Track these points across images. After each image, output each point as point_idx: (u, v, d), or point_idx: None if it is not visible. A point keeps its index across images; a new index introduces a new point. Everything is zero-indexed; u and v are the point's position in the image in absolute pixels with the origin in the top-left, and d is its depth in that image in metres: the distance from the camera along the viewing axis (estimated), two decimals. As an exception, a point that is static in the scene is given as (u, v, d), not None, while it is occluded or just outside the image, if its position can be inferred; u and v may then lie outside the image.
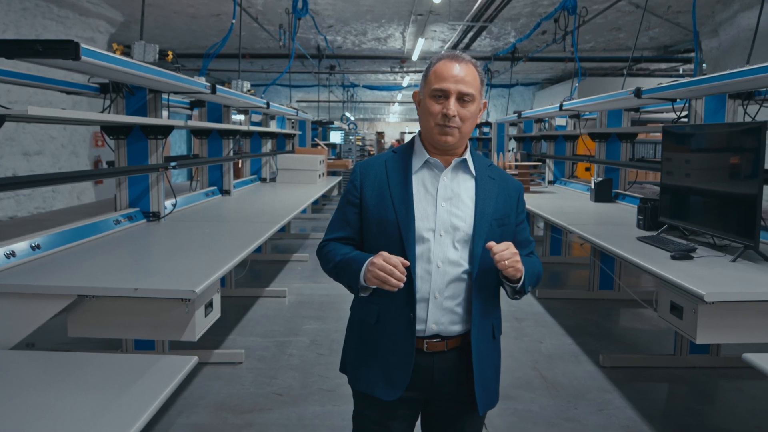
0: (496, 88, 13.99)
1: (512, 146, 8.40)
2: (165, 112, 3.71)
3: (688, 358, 3.63)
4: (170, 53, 3.39)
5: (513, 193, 1.61)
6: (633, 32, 7.99)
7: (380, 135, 24.67)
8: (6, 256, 2.28)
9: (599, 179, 5.06)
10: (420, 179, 1.55)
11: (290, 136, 8.16)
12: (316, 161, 6.80)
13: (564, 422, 2.92)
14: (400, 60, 11.54)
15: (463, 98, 1.47)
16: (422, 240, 1.50)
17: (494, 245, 1.42)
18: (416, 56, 9.79)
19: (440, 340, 1.52)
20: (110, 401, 1.47)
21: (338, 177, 8.86)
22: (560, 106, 5.42)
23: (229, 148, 5.12)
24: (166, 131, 3.49)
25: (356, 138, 15.53)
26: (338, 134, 14.14)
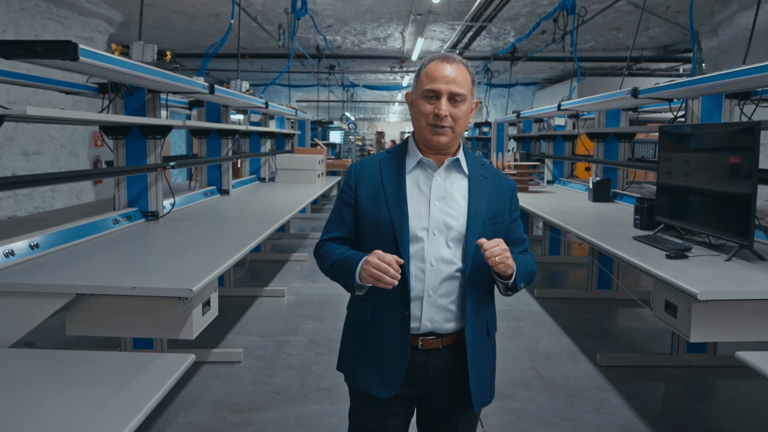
0: (496, 88, 13.98)
1: (512, 146, 8.41)
2: (164, 112, 3.73)
3: (685, 357, 3.64)
4: (168, 53, 3.41)
5: (506, 192, 1.62)
6: (632, 32, 8.00)
7: (380, 135, 24.69)
8: (5, 255, 2.30)
9: (597, 179, 5.07)
10: (413, 179, 1.56)
11: (289, 136, 8.16)
12: (315, 161, 6.81)
13: (561, 421, 2.93)
14: (400, 60, 11.56)
15: (455, 98, 1.49)
16: (416, 239, 1.51)
17: (485, 242, 1.44)
18: (416, 56, 9.81)
19: (435, 338, 1.54)
20: (108, 398, 1.48)
21: (337, 177, 8.86)
22: (558, 106, 5.44)
23: (228, 148, 5.13)
24: (165, 131, 3.51)
25: (356, 138, 15.55)
26: (338, 134, 14.14)
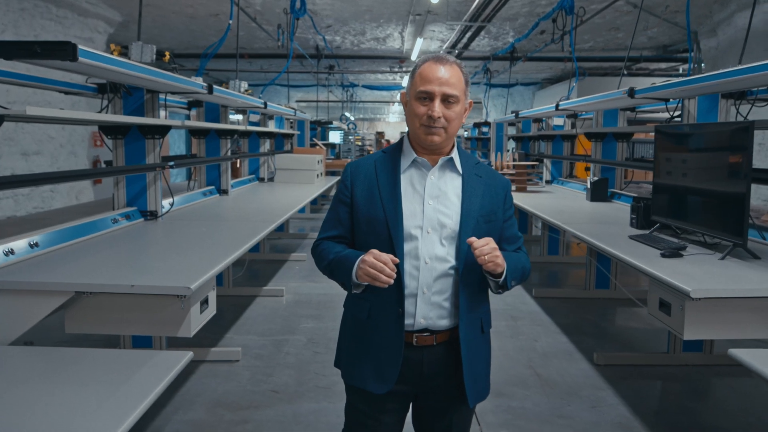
0: (496, 88, 14.00)
1: (511, 146, 8.43)
2: (163, 112, 3.74)
3: (682, 356, 3.65)
4: (167, 54, 3.43)
5: (500, 190, 1.64)
6: (631, 32, 8.02)
7: (380, 135, 24.68)
8: (5, 254, 2.31)
9: (595, 179, 5.09)
10: (408, 178, 1.58)
11: (288, 136, 8.18)
12: (314, 161, 6.83)
13: (557, 419, 2.95)
14: (399, 60, 11.58)
15: (448, 99, 1.51)
16: (410, 237, 1.53)
17: (475, 241, 1.46)
18: (415, 56, 9.83)
19: (429, 334, 1.56)
20: (106, 394, 1.50)
21: (337, 177, 8.87)
22: (556, 106, 5.46)
23: (227, 148, 5.14)
24: (164, 131, 3.53)
25: (355, 138, 15.56)
26: (337, 134, 14.15)
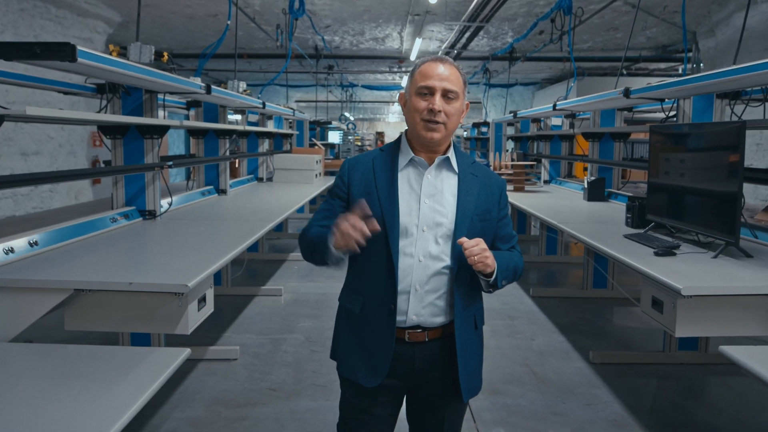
0: (495, 88, 14.02)
1: (510, 146, 8.45)
2: (161, 112, 3.77)
3: (677, 355, 3.67)
4: (166, 54, 3.45)
5: (495, 190, 1.66)
6: (630, 32, 8.06)
7: (380, 135, 24.67)
8: (5, 252, 2.34)
9: (592, 179, 5.11)
10: (405, 176, 1.61)
11: (287, 136, 8.20)
12: (313, 161, 6.85)
13: (552, 416, 2.97)
14: (398, 60, 11.61)
15: (448, 95, 1.55)
16: (405, 235, 1.55)
17: (465, 241, 1.48)
18: (414, 56, 9.86)
19: (421, 331, 1.58)
20: (104, 391, 1.52)
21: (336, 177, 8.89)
22: (553, 106, 5.48)
23: (226, 148, 5.17)
24: (162, 131, 3.55)
25: (355, 138, 15.58)
26: (336, 134, 14.18)
